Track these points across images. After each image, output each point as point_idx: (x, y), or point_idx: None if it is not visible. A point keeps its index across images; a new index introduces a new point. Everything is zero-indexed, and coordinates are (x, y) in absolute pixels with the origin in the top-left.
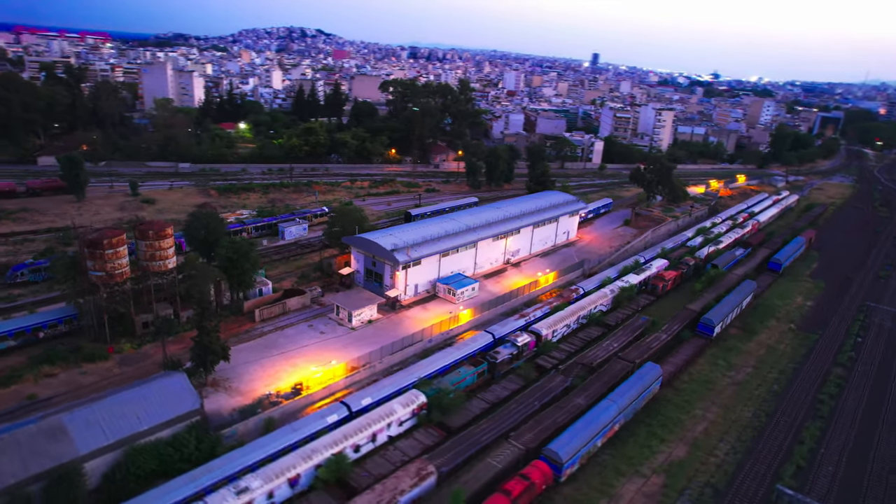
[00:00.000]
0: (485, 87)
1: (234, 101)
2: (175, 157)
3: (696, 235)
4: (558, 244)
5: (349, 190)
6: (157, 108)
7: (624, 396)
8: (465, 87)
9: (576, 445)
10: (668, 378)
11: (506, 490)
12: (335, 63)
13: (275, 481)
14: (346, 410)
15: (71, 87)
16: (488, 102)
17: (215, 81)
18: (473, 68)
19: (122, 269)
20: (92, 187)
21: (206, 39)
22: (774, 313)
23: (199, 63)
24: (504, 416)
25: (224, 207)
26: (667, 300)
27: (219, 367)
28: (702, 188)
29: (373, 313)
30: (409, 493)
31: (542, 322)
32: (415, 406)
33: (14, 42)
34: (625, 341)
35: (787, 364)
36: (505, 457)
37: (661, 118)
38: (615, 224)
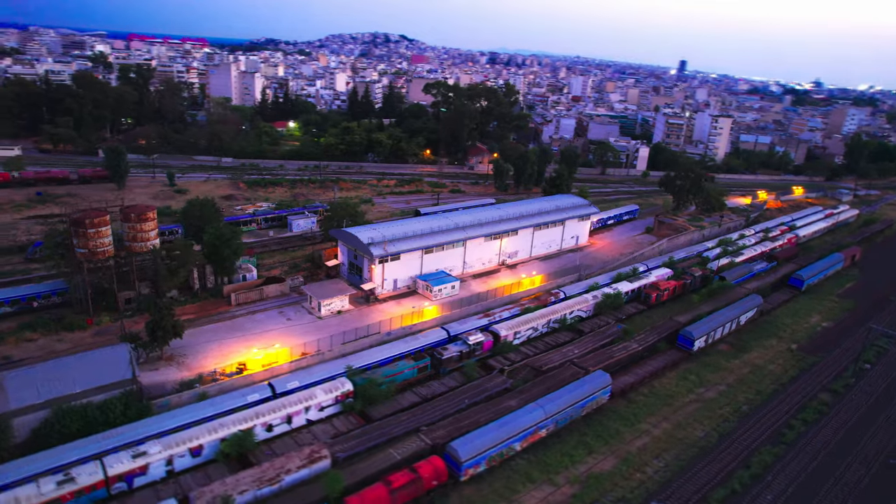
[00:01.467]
0: (551, 91)
1: (289, 101)
2: (219, 151)
3: (718, 246)
4: (564, 248)
5: (374, 188)
6: (212, 106)
7: (555, 402)
8: (510, 90)
9: (481, 446)
10: (626, 388)
11: (388, 480)
12: (409, 67)
13: (175, 449)
14: (270, 391)
15: (139, 86)
16: (545, 107)
17: (281, 83)
18: (549, 73)
19: (104, 248)
20: (136, 177)
21: (295, 44)
22: (778, 332)
23: (271, 65)
24: (427, 411)
25: (247, 199)
26: (660, 311)
27: (178, 343)
28: (748, 199)
29: (344, 304)
30: (295, 474)
31: (504, 323)
32: (339, 393)
33: (124, 48)
34: (590, 348)
35: (768, 385)
36: (408, 449)
37: (717, 125)
38: (636, 231)
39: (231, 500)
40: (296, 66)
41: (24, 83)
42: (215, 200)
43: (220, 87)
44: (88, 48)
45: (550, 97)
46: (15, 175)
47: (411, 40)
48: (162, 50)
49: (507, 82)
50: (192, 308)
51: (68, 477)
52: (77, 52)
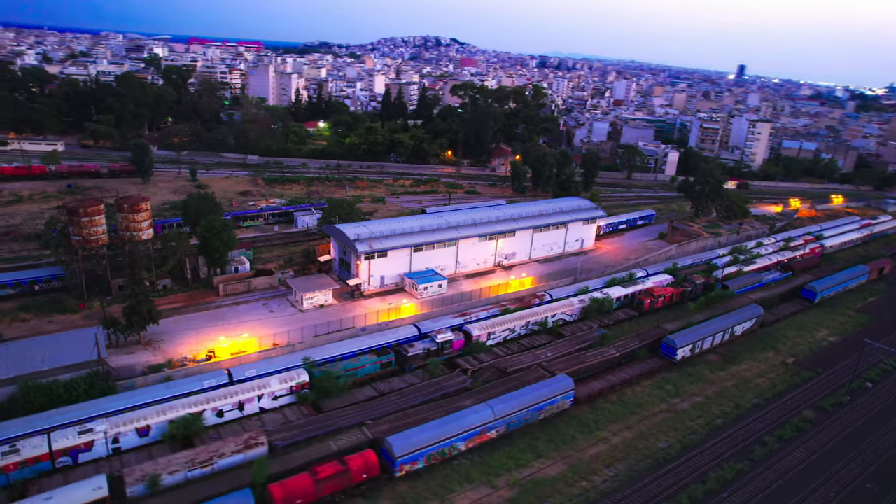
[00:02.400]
0: (592, 95)
1: (322, 101)
2: (246, 149)
3: (730, 254)
4: (568, 252)
5: (389, 187)
6: (245, 106)
7: (507, 404)
8: (538, 92)
9: (419, 442)
10: (593, 394)
11: (315, 470)
12: (454, 70)
13: (121, 427)
14: (227, 378)
15: (177, 86)
16: (582, 110)
17: (320, 84)
18: (597, 77)
19: (97, 236)
20: (164, 172)
21: (347, 47)
22: (776, 345)
23: (314, 67)
24: (379, 406)
25: (262, 195)
26: (653, 318)
27: (158, 329)
28: (779, 207)
29: (327, 298)
30: (228, 458)
31: (478, 323)
32: (294, 384)
33: (184, 51)
34: (563, 352)
35: (750, 399)
36: (347, 442)
37: (754, 130)
38: (649, 237)
39: (159, 479)
40: (341, 68)
41: (73, 83)
42: (230, 195)
43: (259, 87)
44: (147, 51)
45: (589, 101)
46: (51, 168)
47: (462, 44)
48: (216, 52)
49: (536, 84)
50: (182, 297)
51: (13, 448)
52: (134, 55)
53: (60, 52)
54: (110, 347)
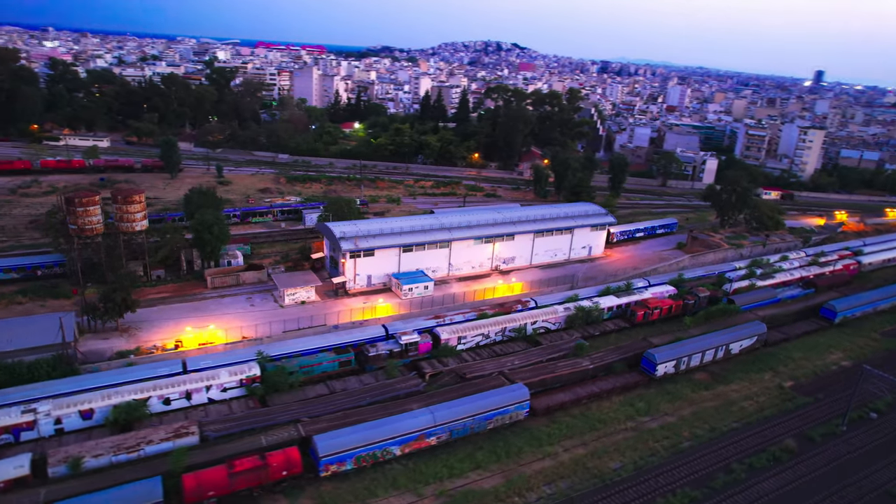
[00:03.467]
0: (645, 101)
1: (360, 103)
2: (277, 148)
3: (748, 267)
4: (573, 258)
5: (409, 188)
6: (285, 106)
7: (451, 411)
8: (574, 96)
9: (347, 443)
10: (553, 406)
11: (232, 464)
12: (508, 75)
13: (65, 410)
14: (181, 367)
15: (220, 87)
16: (628, 116)
17: (364, 86)
18: (657, 83)
19: (92, 226)
20: (194, 168)
21: (408, 51)
22: (777, 366)
23: (364, 70)
24: (324, 404)
25: (281, 193)
26: (646, 330)
27: (137, 317)
28: (822, 220)
29: (310, 295)
30: (156, 445)
31: (449, 327)
32: (244, 376)
33: (250, 55)
34: (533, 361)
35: (729, 422)
36: (278, 438)
37: (805, 138)
38: (666, 246)
39: (82, 461)
40: (394, 71)
41: (124, 84)
42: (250, 192)
43: (303, 89)
44: (210, 54)
45: (638, 106)
46: (89, 163)
47: (523, 48)
48: (277, 56)
49: (572, 88)
50: (172, 287)
51: None
52: (196, 58)
53: (134, 55)
54: (87, 333)
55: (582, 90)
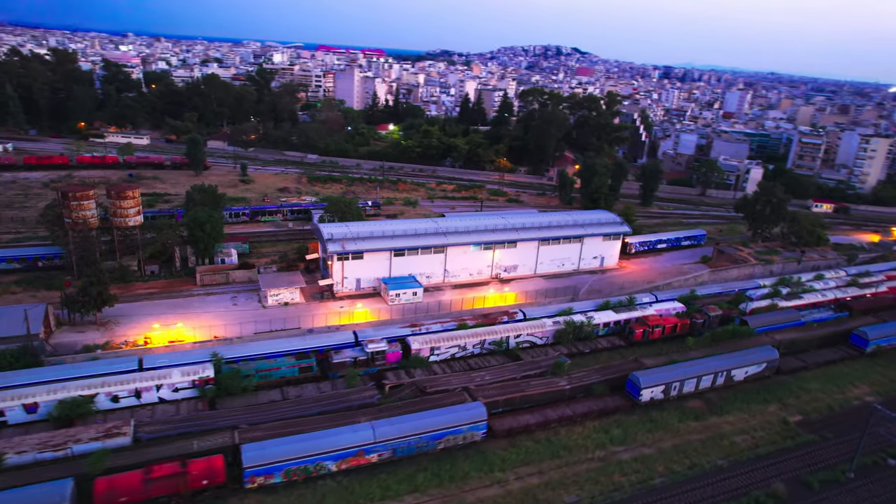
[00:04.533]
0: (701, 107)
1: (398, 105)
2: (306, 148)
3: (774, 285)
4: (583, 269)
5: (430, 191)
6: (322, 107)
7: (395, 427)
8: (613, 100)
9: (276, 455)
10: (515, 428)
11: (149, 469)
12: (563, 79)
13: (8, 403)
14: (137, 365)
15: (261, 87)
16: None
17: (409, 89)
18: (720, 89)
19: (86, 220)
20: (221, 166)
21: (466, 55)
22: (786, 397)
23: (413, 73)
24: (272, 411)
25: (299, 192)
26: (644, 350)
27: (118, 311)
28: (877, 236)
29: (294, 296)
30: (84, 444)
31: (421, 336)
32: (196, 377)
33: (310, 57)
34: (505, 377)
35: (714, 459)
36: (211, 444)
37: (867, 147)
38: (689, 259)
39: (4, 457)
40: (445, 74)
41: (168, 84)
42: (269, 191)
43: (345, 90)
44: (268, 56)
45: (690, 112)
46: (122, 159)
47: (584, 53)
48: (333, 58)
49: (611, 91)
50: (162, 283)
51: None
52: (253, 61)
53: (198, 58)
54: (66, 325)
55: (634, 95)
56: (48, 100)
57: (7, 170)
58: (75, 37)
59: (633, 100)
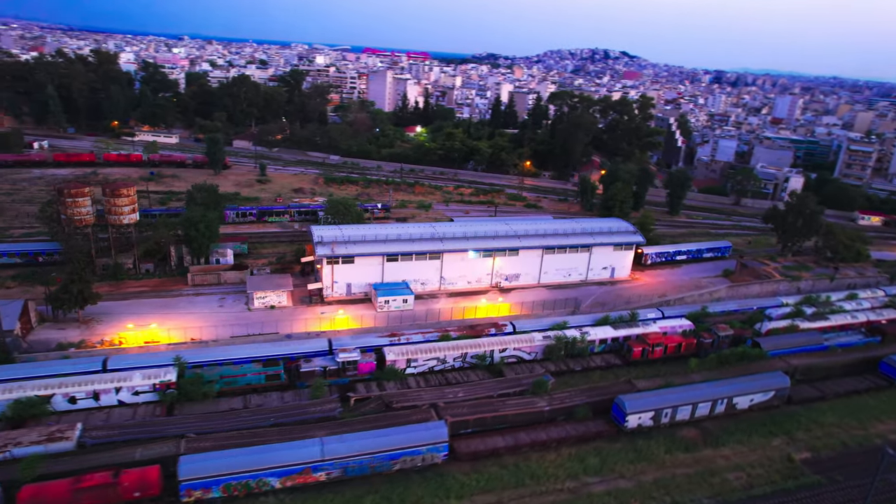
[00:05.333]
0: (748, 111)
1: (428, 107)
2: (329, 149)
3: (799, 304)
4: (592, 279)
5: (447, 194)
6: (350, 108)
7: (346, 445)
8: (646, 103)
9: (214, 468)
10: (481, 452)
11: (79, 478)
12: (607, 83)
13: None
14: (101, 365)
15: (291, 88)
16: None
17: (443, 91)
18: (773, 94)
19: (80, 216)
20: (243, 165)
21: (512, 59)
22: (794, 430)
23: (449, 76)
24: (227, 420)
25: (313, 193)
26: (642, 369)
27: (102, 309)
28: None
29: (281, 300)
30: (25, 448)
31: (396, 347)
32: (157, 381)
33: (354, 60)
34: (479, 395)
35: (700, 497)
36: (153, 452)
37: None
38: (710, 272)
39: None
40: (485, 77)
41: (201, 84)
42: (284, 191)
43: (377, 91)
44: (310, 58)
45: (733, 117)
46: (146, 157)
47: (633, 57)
48: (376, 61)
49: (643, 94)
50: (155, 282)
51: None
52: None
53: (244, 60)
54: (48, 322)
55: (678, 100)
56: (86, 99)
57: (38, 166)
58: (134, 40)
59: (674, 104)
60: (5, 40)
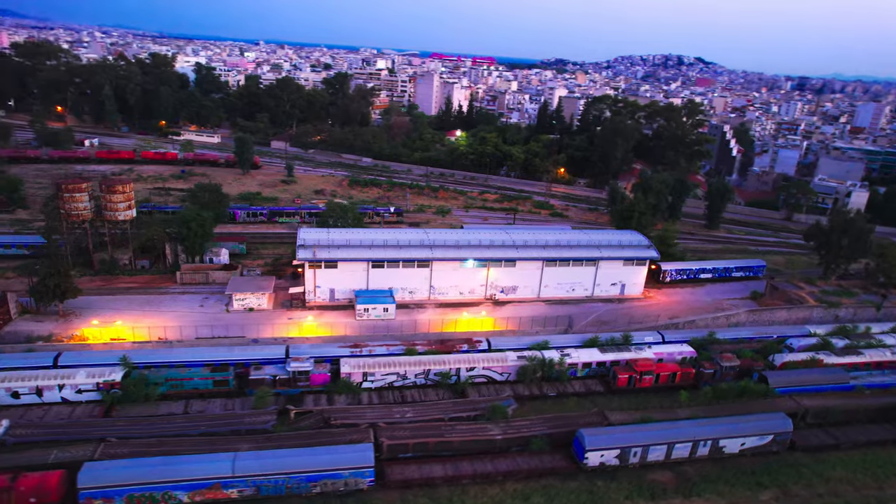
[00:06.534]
0: (825, 122)
1: (472, 111)
2: (362, 151)
3: (829, 335)
4: (598, 296)
5: (470, 200)
6: (391, 112)
7: (259, 462)
8: (694, 109)
9: (117, 478)
10: (415, 480)
11: None
12: (674, 90)
13: None
14: (52, 360)
15: (335, 91)
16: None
17: (494, 95)
18: (862, 101)
19: (78, 212)
20: (273, 165)
21: (580, 65)
22: (791, 483)
23: (506, 80)
24: (158, 425)
25: (334, 195)
26: (626, 399)
27: (85, 304)
28: None
29: (260, 303)
30: None
31: (353, 359)
32: (101, 380)
33: (419, 64)
34: (431, 416)
35: None
36: (67, 456)
37: None
38: (736, 293)
39: None
40: (545, 82)
41: (248, 86)
42: (305, 192)
43: (424, 95)
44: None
45: (802, 125)
46: (181, 156)
47: (708, 63)
48: (439, 65)
49: (691, 100)
50: (146, 279)
51: None
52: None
53: (309, 64)
54: (31, 313)
55: (747, 107)
56: (139, 100)
57: (81, 162)
58: (212, 45)
59: (738, 112)
60: (96, 47)
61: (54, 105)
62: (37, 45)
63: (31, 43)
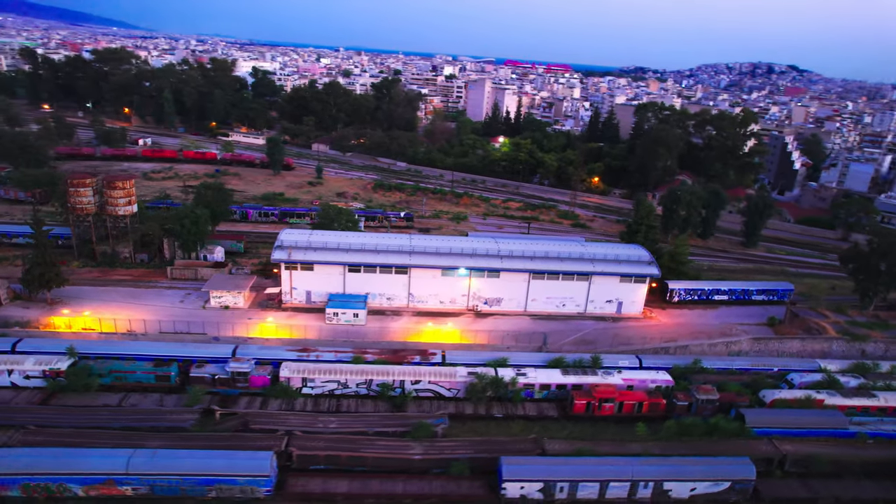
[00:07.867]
0: None
1: (519, 117)
2: (399, 156)
3: (843, 372)
4: (592, 313)
5: (492, 207)
6: (436, 117)
7: (154, 462)
8: (748, 118)
9: (14, 467)
10: (321, 495)
11: None
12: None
13: None
14: (10, 346)
15: (381, 96)
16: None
17: (550, 102)
18: None
19: (82, 206)
20: (306, 167)
21: (661, 73)
22: None
23: (567, 87)
24: (85, 416)
25: (354, 197)
26: (582, 427)
27: (74, 293)
28: None
29: (237, 301)
30: None
31: (293, 364)
32: (47, 368)
33: (492, 70)
34: (355, 429)
35: None
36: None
37: None
38: (752, 318)
39: None
40: (613, 90)
41: (297, 89)
42: (326, 194)
43: (475, 101)
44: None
45: (889, 137)
46: (219, 156)
47: (802, 71)
48: (507, 72)
49: (746, 108)
50: (139, 272)
51: None
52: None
53: (377, 69)
54: (22, 300)
55: (833, 118)
56: (195, 102)
57: (129, 160)
58: (290, 51)
59: (817, 123)
60: (181, 53)
61: (123, 107)
62: (112, 52)
63: (107, 49)
